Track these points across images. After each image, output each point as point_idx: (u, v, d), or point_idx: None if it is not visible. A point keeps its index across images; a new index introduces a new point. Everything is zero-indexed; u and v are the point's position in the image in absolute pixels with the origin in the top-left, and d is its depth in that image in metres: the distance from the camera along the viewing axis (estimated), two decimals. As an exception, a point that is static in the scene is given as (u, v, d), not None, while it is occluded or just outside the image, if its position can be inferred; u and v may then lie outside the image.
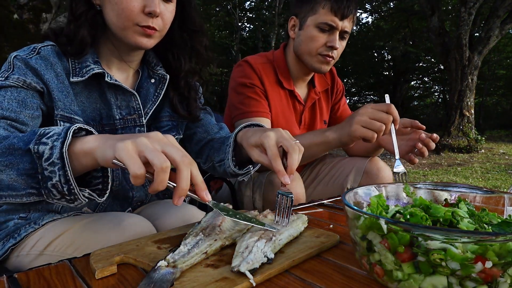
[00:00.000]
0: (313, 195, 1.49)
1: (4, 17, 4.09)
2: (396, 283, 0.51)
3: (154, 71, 0.99)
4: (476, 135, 8.31)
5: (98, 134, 0.62)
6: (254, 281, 0.54)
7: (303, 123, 1.50)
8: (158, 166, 0.53)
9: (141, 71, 0.99)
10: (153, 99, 0.97)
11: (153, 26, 0.84)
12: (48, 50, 0.85)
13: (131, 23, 0.83)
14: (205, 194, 0.61)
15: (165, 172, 0.54)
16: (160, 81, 0.99)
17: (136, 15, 0.82)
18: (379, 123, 1.00)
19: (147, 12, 0.82)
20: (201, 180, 0.60)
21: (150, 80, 0.98)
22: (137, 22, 0.83)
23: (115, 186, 0.94)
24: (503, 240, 0.45)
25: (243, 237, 0.66)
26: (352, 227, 0.57)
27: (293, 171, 0.73)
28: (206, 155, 1.09)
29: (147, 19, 0.83)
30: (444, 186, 0.73)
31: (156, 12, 0.83)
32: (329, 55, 1.32)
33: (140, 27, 0.84)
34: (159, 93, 0.98)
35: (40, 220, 0.85)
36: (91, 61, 0.86)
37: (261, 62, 1.40)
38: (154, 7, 0.82)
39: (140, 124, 0.94)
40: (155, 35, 0.87)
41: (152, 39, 0.87)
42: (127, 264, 0.63)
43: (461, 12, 7.96)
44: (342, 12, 1.27)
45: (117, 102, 0.91)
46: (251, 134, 0.83)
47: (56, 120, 0.82)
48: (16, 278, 0.58)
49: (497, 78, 17.09)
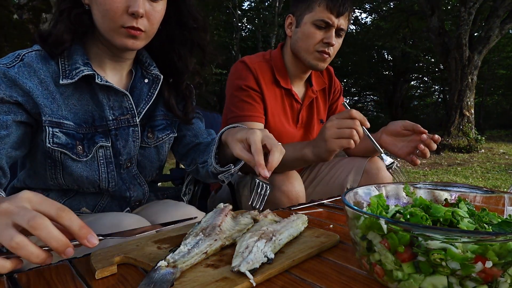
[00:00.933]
0: (313, 195, 1.49)
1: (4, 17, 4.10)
2: (396, 283, 0.51)
3: (148, 71, 0.97)
4: (476, 135, 8.31)
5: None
6: (254, 281, 0.54)
7: (300, 121, 1.50)
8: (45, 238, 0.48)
9: (135, 71, 0.98)
10: (146, 99, 0.96)
11: (138, 26, 0.82)
12: (32, 56, 0.83)
13: (116, 25, 0.81)
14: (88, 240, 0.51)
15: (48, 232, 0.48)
16: (153, 81, 0.97)
17: (120, 16, 0.80)
18: (348, 130, 1.01)
19: (130, 12, 0.80)
20: (79, 226, 0.51)
21: (144, 80, 0.97)
22: (121, 24, 0.81)
23: (111, 187, 0.93)
24: (503, 240, 0.45)
25: (243, 237, 0.66)
26: (352, 227, 0.57)
27: (272, 168, 0.74)
28: (191, 158, 1.09)
29: (131, 19, 0.81)
30: (444, 186, 0.73)
31: (139, 13, 0.80)
32: (325, 51, 1.34)
33: (125, 29, 0.81)
34: (153, 93, 0.96)
35: None
36: (80, 63, 0.84)
37: (258, 61, 1.41)
38: (137, 7, 0.79)
39: (134, 124, 0.93)
40: (141, 36, 0.85)
41: (139, 40, 0.85)
42: (127, 264, 0.63)
43: (461, 12, 7.96)
44: (337, 9, 1.28)
45: (110, 102, 0.90)
46: (237, 130, 0.84)
47: (45, 126, 0.81)
48: (16, 278, 0.58)
49: (497, 78, 17.08)
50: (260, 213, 0.82)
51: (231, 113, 1.36)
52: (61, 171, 0.87)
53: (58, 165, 0.86)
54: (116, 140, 0.91)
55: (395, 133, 1.25)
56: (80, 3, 0.84)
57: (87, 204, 0.94)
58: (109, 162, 0.91)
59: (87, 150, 0.87)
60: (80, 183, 0.90)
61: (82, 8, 0.84)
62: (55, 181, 0.89)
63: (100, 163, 0.90)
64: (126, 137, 0.93)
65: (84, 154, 0.87)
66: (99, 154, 0.89)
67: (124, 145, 0.93)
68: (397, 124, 1.24)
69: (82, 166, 0.87)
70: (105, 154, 0.90)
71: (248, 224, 0.75)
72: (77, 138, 0.86)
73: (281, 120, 1.43)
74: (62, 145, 0.84)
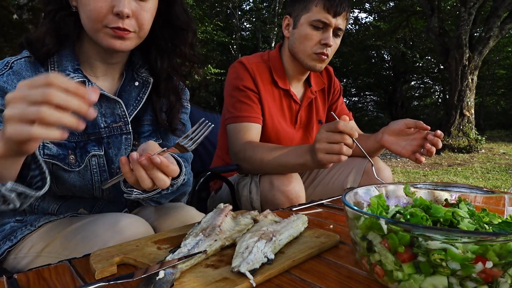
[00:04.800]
0: (313, 195, 1.49)
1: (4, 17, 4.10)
2: (396, 283, 0.51)
3: (138, 73, 0.94)
4: (476, 135, 8.30)
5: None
6: (254, 282, 0.54)
7: (299, 122, 1.50)
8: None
9: (125, 74, 0.94)
10: (135, 104, 0.92)
11: (124, 27, 0.78)
12: (21, 63, 0.80)
13: (100, 25, 0.78)
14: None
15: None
16: (143, 84, 0.93)
17: (104, 16, 0.77)
18: (337, 145, 0.98)
19: (115, 12, 0.76)
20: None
21: (134, 83, 0.93)
22: (105, 24, 0.78)
23: (105, 195, 0.92)
24: (504, 240, 0.45)
25: (243, 238, 0.66)
26: (352, 227, 0.57)
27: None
28: None
29: (116, 20, 0.77)
30: (445, 186, 0.73)
31: (124, 13, 0.76)
32: (323, 53, 1.33)
33: (110, 29, 0.78)
34: (142, 97, 0.93)
35: (36, 222, 0.85)
36: (70, 69, 0.82)
37: (255, 62, 1.40)
38: (122, 7, 0.76)
39: (127, 132, 0.90)
40: (129, 37, 0.81)
41: (127, 40, 0.81)
42: (127, 264, 0.63)
43: (461, 12, 7.96)
44: (335, 9, 1.28)
45: (101, 109, 0.87)
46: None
47: None
48: (15, 279, 0.58)
49: (497, 78, 17.09)
50: (260, 213, 0.82)
51: (228, 113, 1.36)
52: (54, 181, 0.85)
53: (51, 175, 0.83)
54: (108, 149, 0.89)
55: (397, 132, 1.25)
56: (67, 6, 0.82)
57: (85, 206, 0.94)
58: (102, 171, 0.88)
59: (80, 159, 0.84)
60: (74, 191, 0.88)
61: (69, 10, 0.81)
62: (49, 189, 0.88)
63: (93, 172, 0.87)
64: (118, 145, 0.90)
65: (76, 164, 0.84)
66: (92, 163, 0.87)
67: (117, 153, 0.90)
68: (399, 123, 1.24)
69: (74, 176, 0.85)
70: (98, 163, 0.87)
71: (248, 225, 0.75)
72: (69, 148, 0.83)
73: (280, 120, 1.43)
74: (53, 157, 0.81)
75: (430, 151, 1.15)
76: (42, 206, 0.90)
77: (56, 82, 0.49)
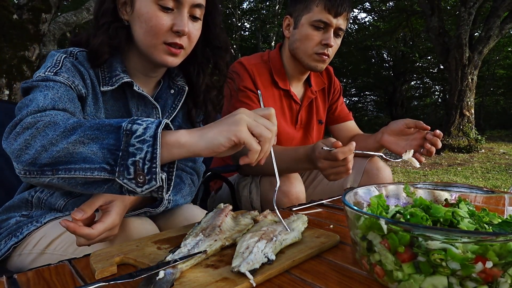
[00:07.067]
0: (313, 196, 1.49)
1: (4, 17, 4.09)
2: (396, 283, 0.51)
3: (174, 81, 0.99)
4: (476, 135, 8.30)
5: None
6: (254, 282, 0.54)
7: (299, 122, 1.50)
8: (266, 137, 0.63)
9: (162, 81, 0.99)
10: (170, 111, 0.97)
11: (180, 43, 0.84)
12: (84, 55, 0.85)
13: (159, 41, 0.83)
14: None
15: (270, 141, 0.64)
16: (179, 92, 0.99)
17: (164, 33, 0.82)
18: (343, 167, 1.00)
19: (175, 30, 0.82)
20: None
21: (170, 91, 0.98)
22: (164, 40, 0.83)
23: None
24: (504, 240, 0.45)
25: (244, 238, 0.66)
26: (352, 227, 0.57)
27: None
28: None
29: (174, 37, 0.83)
30: (444, 186, 0.73)
31: (185, 32, 0.82)
32: (324, 53, 1.33)
33: (166, 45, 0.83)
34: (177, 104, 0.98)
35: (42, 218, 0.85)
36: (120, 70, 0.86)
37: (255, 62, 1.40)
38: (183, 26, 0.82)
39: None
40: (180, 54, 0.86)
41: (178, 57, 0.87)
42: (127, 264, 0.63)
43: (461, 12, 7.95)
44: (336, 9, 1.28)
45: (138, 112, 0.91)
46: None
47: None
48: (15, 279, 0.58)
49: (497, 78, 17.08)
50: (260, 214, 0.82)
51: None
52: None
53: None
54: None
55: (397, 132, 1.25)
56: (119, 18, 0.86)
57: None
58: None
59: None
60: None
61: (121, 23, 0.86)
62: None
63: None
64: None
65: None
66: None
67: None
68: (399, 123, 1.24)
69: None
70: None
71: (248, 225, 0.75)
72: None
73: (280, 121, 1.43)
74: None
75: (430, 151, 1.15)
76: (50, 201, 0.90)
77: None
